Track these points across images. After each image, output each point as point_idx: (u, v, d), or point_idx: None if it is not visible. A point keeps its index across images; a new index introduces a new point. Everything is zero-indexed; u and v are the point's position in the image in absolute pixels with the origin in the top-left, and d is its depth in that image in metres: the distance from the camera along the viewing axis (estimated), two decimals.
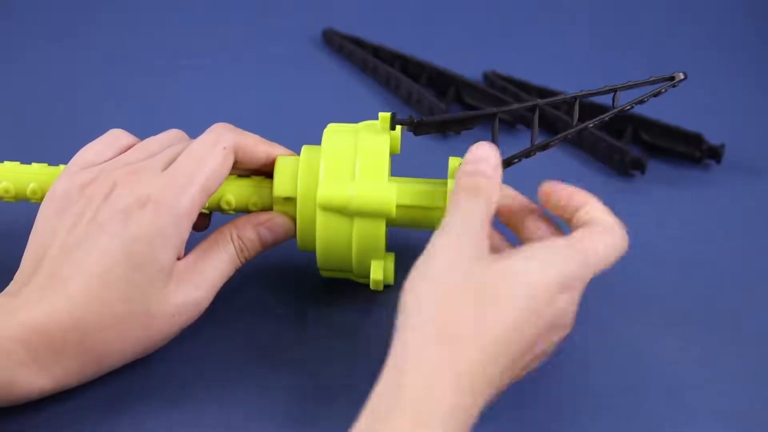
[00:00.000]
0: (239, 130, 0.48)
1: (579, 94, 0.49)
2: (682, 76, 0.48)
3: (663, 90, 0.48)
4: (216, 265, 0.45)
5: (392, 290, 0.54)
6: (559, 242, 0.44)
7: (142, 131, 0.60)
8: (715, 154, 0.65)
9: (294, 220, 0.49)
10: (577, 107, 0.49)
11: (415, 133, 0.50)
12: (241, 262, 0.47)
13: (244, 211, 0.51)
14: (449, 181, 0.48)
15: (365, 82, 0.74)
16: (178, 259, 0.45)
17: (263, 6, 0.83)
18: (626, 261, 0.57)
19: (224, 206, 0.51)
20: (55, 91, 0.72)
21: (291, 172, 0.49)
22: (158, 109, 0.70)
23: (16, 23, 0.80)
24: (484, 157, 0.46)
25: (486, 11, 0.82)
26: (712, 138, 0.65)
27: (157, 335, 0.44)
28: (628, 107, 0.48)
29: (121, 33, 0.79)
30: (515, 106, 0.50)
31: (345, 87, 0.74)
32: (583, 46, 0.77)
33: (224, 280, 0.46)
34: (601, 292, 0.55)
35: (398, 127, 0.50)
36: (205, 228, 0.52)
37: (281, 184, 0.49)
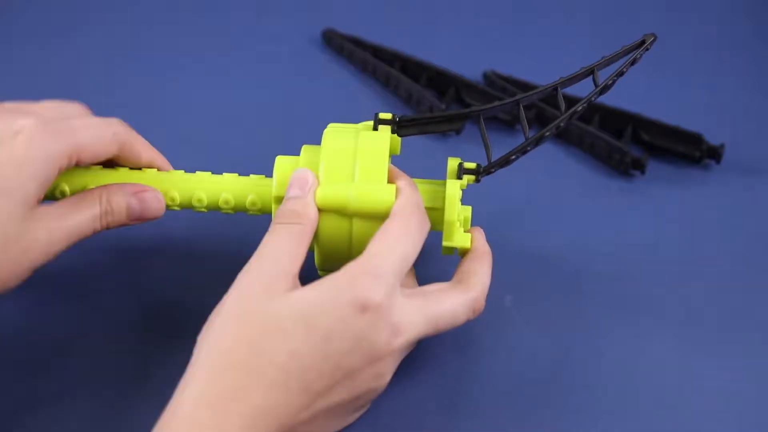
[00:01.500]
0: (134, 133, 0.50)
1: (558, 81, 0.48)
2: (652, 38, 0.48)
3: (638, 57, 0.48)
4: (77, 219, 0.46)
5: None
6: (349, 267, 0.43)
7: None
8: (715, 154, 0.65)
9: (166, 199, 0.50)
10: (560, 96, 0.48)
11: (399, 134, 0.50)
12: (102, 226, 0.47)
13: (242, 210, 0.51)
14: (448, 182, 0.48)
15: (365, 83, 0.74)
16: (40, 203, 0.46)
17: (263, 6, 0.83)
18: (626, 261, 0.57)
19: (222, 205, 0.51)
20: (55, 91, 0.72)
21: (290, 172, 0.49)
22: (158, 109, 0.70)
23: (15, 22, 0.80)
24: (294, 180, 0.47)
25: (486, 11, 0.82)
26: (712, 138, 0.65)
27: (6, 268, 0.44)
28: (610, 82, 0.48)
29: (120, 32, 0.79)
30: (497, 104, 0.49)
31: (345, 87, 0.74)
32: (583, 46, 0.77)
33: (80, 237, 0.46)
34: (600, 292, 0.55)
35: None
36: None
37: (281, 184, 0.49)
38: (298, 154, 0.50)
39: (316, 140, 0.50)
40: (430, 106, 0.68)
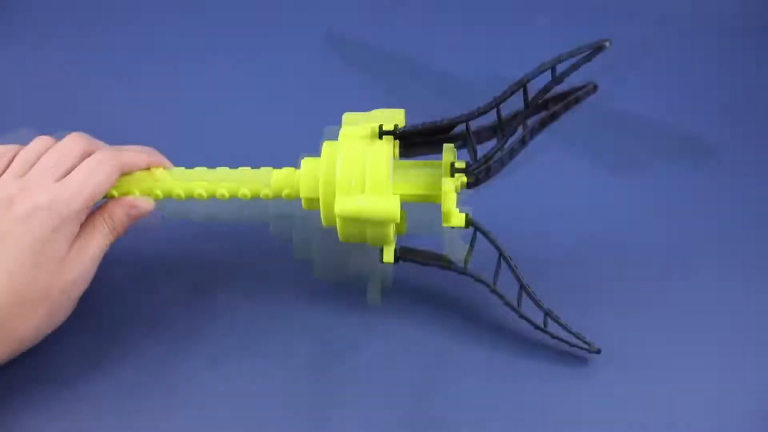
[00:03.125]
0: (122, 154, 0.54)
1: (524, 79, 0.49)
2: (607, 45, 0.49)
3: (590, 58, 0.49)
4: (95, 243, 0.52)
5: (391, 291, 0.54)
6: None
7: (143, 132, 0.61)
8: (715, 154, 0.65)
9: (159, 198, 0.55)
10: (527, 95, 0.50)
11: (402, 147, 0.53)
12: (114, 237, 0.54)
13: (279, 197, 0.54)
14: (444, 179, 0.51)
15: (366, 83, 0.74)
16: None
17: (264, 7, 0.83)
18: (625, 260, 0.57)
19: (262, 195, 0.54)
20: (55, 91, 0.72)
21: (314, 174, 0.52)
22: (160, 109, 0.70)
23: (15, 22, 0.80)
24: None
25: (486, 11, 0.82)
26: (712, 138, 0.65)
27: (58, 312, 0.51)
28: (567, 74, 0.49)
29: (120, 32, 0.79)
30: (476, 111, 0.51)
31: (346, 87, 0.74)
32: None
33: (104, 252, 0.53)
34: (599, 291, 0.55)
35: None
36: None
37: (307, 186, 0.53)
38: (297, 154, 0.51)
39: (316, 140, 0.50)
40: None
